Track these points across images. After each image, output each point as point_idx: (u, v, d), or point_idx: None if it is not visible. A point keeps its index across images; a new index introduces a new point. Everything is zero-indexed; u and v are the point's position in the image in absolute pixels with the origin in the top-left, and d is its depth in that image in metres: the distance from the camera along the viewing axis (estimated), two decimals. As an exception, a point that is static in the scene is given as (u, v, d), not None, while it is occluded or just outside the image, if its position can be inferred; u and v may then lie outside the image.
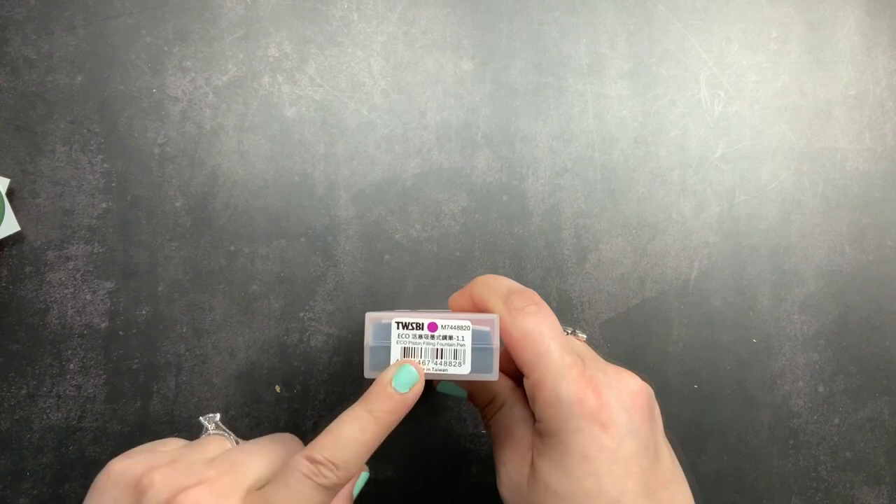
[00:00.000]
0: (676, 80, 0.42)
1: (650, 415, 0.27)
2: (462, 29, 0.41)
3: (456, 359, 0.28)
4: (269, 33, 0.40)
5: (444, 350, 0.28)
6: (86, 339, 0.37)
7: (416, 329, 0.28)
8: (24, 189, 0.38)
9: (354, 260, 0.39)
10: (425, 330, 0.28)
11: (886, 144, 0.43)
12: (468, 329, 0.28)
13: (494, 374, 0.28)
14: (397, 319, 0.28)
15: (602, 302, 0.40)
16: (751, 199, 0.42)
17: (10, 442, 0.37)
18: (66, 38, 0.39)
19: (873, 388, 0.41)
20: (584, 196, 0.41)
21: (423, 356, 0.28)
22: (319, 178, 0.40)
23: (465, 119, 0.41)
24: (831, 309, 0.42)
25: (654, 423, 0.27)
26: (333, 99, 0.40)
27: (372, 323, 0.28)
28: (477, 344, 0.28)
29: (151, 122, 0.39)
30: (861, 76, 0.43)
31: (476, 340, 0.28)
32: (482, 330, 0.28)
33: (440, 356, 0.28)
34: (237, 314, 0.39)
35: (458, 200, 0.40)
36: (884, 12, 0.44)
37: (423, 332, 0.28)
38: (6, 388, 0.37)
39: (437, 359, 0.28)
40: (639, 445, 0.26)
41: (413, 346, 0.28)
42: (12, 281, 0.37)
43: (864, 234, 0.42)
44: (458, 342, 0.28)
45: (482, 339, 0.28)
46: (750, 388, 0.41)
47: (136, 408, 0.37)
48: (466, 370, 0.28)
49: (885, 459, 0.41)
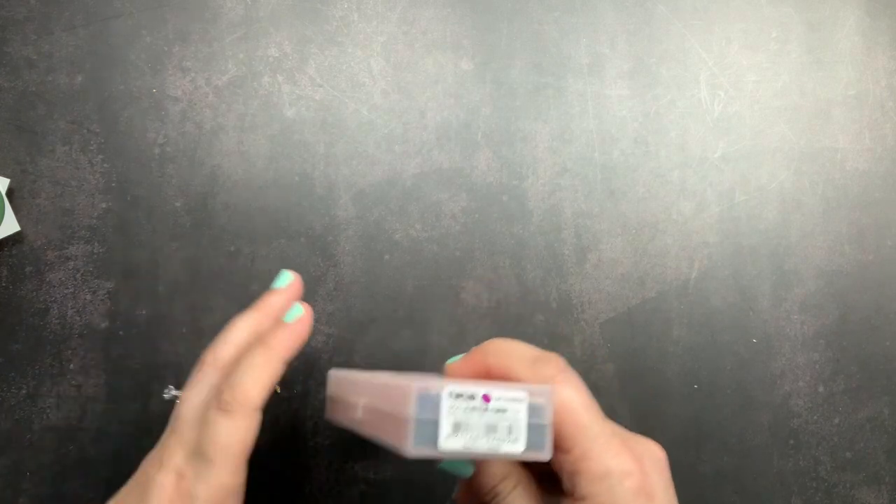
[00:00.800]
0: (676, 80, 0.42)
1: (670, 480, 0.28)
2: (462, 29, 0.41)
3: (511, 434, 0.24)
4: (269, 33, 0.40)
5: (498, 425, 0.24)
6: (86, 339, 0.37)
7: (470, 400, 0.24)
8: (25, 189, 0.38)
9: (354, 260, 0.39)
10: (479, 401, 0.24)
11: (886, 144, 0.43)
12: (524, 401, 0.25)
13: (547, 453, 0.25)
14: (450, 388, 0.24)
15: (602, 302, 0.40)
16: (751, 199, 0.42)
17: (11, 442, 0.37)
18: (66, 39, 0.39)
19: (873, 388, 0.41)
20: (584, 196, 0.41)
21: (475, 431, 0.24)
22: (319, 178, 0.40)
23: (465, 119, 0.41)
24: (831, 309, 0.42)
25: (672, 488, 0.28)
26: (333, 99, 0.40)
27: (419, 393, 0.24)
28: (533, 419, 0.25)
29: (151, 122, 0.39)
30: (861, 76, 0.43)
31: (531, 415, 0.25)
32: (537, 403, 0.25)
33: (493, 432, 0.24)
34: (237, 314, 0.39)
35: (458, 200, 0.40)
36: (884, 12, 0.44)
37: (476, 405, 0.24)
38: (6, 388, 0.37)
39: (489, 435, 0.24)
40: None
41: (466, 419, 0.24)
42: (12, 281, 0.37)
43: (864, 235, 0.42)
44: (512, 416, 0.24)
45: (537, 413, 0.25)
46: (750, 388, 0.41)
47: (136, 408, 0.37)
48: (521, 448, 0.24)
49: (884, 459, 0.41)
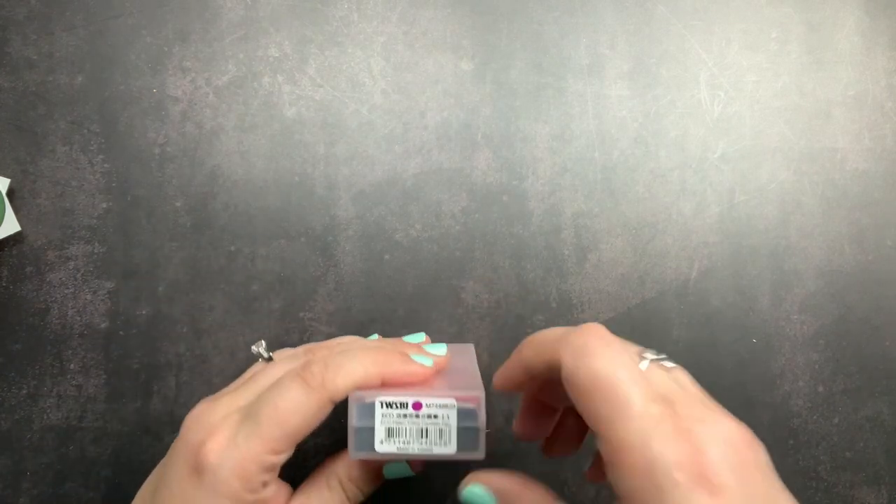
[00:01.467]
0: (676, 81, 0.42)
1: (763, 469, 0.22)
2: (462, 29, 0.41)
3: (442, 438, 0.27)
4: (269, 33, 0.40)
5: (429, 430, 0.27)
6: (86, 339, 0.37)
7: (401, 408, 0.27)
8: (25, 189, 0.38)
9: (354, 260, 0.39)
10: (409, 409, 0.27)
11: (886, 145, 0.43)
12: (453, 407, 0.27)
13: (481, 453, 0.27)
14: (381, 399, 0.27)
15: (602, 302, 0.40)
16: (751, 200, 0.42)
17: (11, 442, 0.37)
18: (66, 39, 0.39)
19: (873, 388, 0.41)
20: (584, 196, 0.41)
21: (408, 436, 0.27)
22: (319, 178, 0.40)
23: (465, 119, 0.41)
24: (831, 309, 0.42)
25: (767, 479, 0.22)
26: (333, 99, 0.40)
27: (355, 403, 0.27)
28: (462, 423, 0.27)
29: (152, 123, 0.39)
30: (861, 76, 0.43)
31: (461, 419, 0.27)
32: (467, 408, 0.27)
33: (425, 436, 0.27)
34: (237, 314, 0.39)
35: (458, 200, 0.40)
36: (883, 12, 0.44)
37: (407, 412, 0.27)
38: (6, 388, 0.37)
39: (421, 438, 0.27)
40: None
41: (397, 425, 0.27)
42: (12, 281, 0.37)
43: (864, 235, 0.42)
44: (443, 421, 0.27)
45: (467, 417, 0.27)
46: (750, 388, 0.41)
47: (136, 408, 0.37)
48: (453, 450, 0.27)
49: (884, 459, 0.41)
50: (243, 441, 0.26)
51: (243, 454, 0.26)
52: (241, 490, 0.26)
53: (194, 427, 0.27)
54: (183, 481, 0.26)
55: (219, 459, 0.25)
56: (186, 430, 0.27)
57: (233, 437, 0.26)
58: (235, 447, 0.26)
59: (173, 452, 0.28)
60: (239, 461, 0.25)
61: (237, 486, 0.25)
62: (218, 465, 0.25)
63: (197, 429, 0.27)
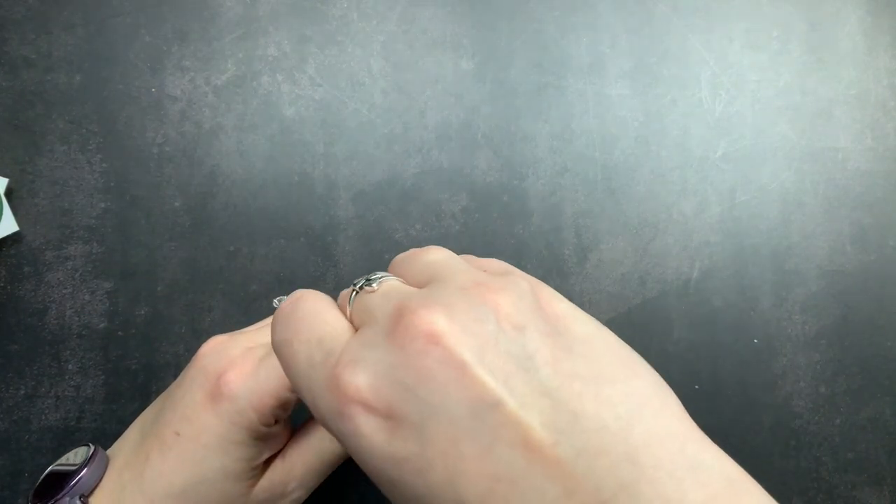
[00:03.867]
0: (677, 80, 0.42)
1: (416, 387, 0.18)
2: (462, 28, 0.41)
3: None
4: (268, 32, 0.40)
5: None
6: (84, 339, 0.37)
7: None
8: (23, 189, 0.38)
9: (354, 260, 0.39)
10: None
11: (888, 144, 0.43)
12: None
13: None
14: None
15: (603, 302, 0.40)
16: (752, 199, 0.42)
17: (9, 443, 0.36)
18: (64, 38, 0.39)
19: (875, 389, 0.41)
20: (585, 196, 0.41)
21: None
22: (319, 178, 0.40)
23: (465, 119, 0.41)
24: (833, 309, 0.41)
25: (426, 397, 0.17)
26: (333, 98, 0.40)
27: None
28: None
29: (150, 122, 0.39)
30: (863, 75, 0.43)
31: None
32: None
33: None
34: (236, 314, 0.38)
35: (458, 200, 0.40)
36: (885, 11, 0.43)
37: None
38: (4, 388, 0.37)
39: None
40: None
41: None
42: (10, 281, 0.37)
43: (866, 234, 0.42)
44: None
45: None
46: (751, 389, 0.40)
47: (134, 408, 0.37)
48: None
49: (886, 460, 0.41)
50: (265, 374, 0.27)
51: (263, 387, 0.26)
52: (255, 421, 0.26)
53: (215, 356, 0.28)
54: (197, 406, 0.27)
55: (239, 390, 0.26)
56: (203, 358, 0.28)
57: (255, 369, 0.27)
58: (256, 380, 0.26)
59: (187, 379, 0.28)
60: (259, 393, 0.26)
61: (253, 417, 0.26)
62: (238, 395, 0.26)
63: (217, 358, 0.28)
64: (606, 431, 0.16)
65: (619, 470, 0.15)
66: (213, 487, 0.26)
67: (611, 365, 0.18)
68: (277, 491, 0.29)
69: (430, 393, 0.17)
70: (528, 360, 0.17)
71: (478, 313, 0.18)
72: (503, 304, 0.18)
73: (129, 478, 0.27)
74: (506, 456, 0.16)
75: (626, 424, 0.16)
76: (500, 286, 0.19)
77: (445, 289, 0.19)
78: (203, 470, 0.26)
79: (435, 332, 0.17)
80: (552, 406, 0.16)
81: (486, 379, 0.16)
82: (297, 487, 0.30)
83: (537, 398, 0.16)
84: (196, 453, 0.26)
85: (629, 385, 0.17)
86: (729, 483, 0.16)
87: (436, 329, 0.17)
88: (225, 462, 0.26)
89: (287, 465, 0.29)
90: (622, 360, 0.18)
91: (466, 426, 0.16)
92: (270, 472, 0.29)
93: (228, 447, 0.26)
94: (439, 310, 0.18)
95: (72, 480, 0.27)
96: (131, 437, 0.30)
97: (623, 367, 0.18)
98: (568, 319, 0.19)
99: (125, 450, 0.29)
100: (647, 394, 0.17)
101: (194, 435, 0.26)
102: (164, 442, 0.27)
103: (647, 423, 0.16)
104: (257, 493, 0.28)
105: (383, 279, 0.21)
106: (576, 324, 0.19)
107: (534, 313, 0.18)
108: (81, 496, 0.26)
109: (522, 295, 0.19)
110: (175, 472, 0.26)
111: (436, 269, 0.21)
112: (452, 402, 0.16)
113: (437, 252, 0.23)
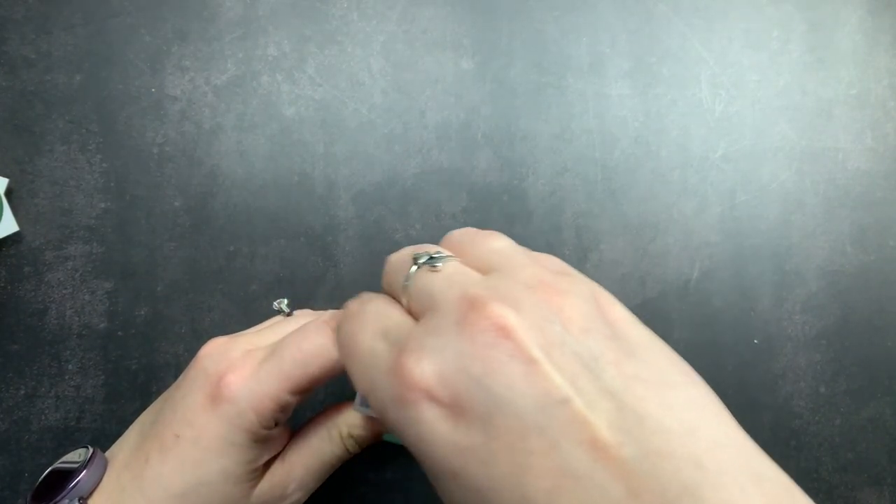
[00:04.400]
0: (677, 80, 0.42)
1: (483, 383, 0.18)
2: (462, 28, 0.41)
3: None
4: (268, 32, 0.40)
5: None
6: (84, 339, 0.37)
7: None
8: (23, 189, 0.38)
9: (354, 260, 0.39)
10: None
11: (888, 144, 0.43)
12: None
13: None
14: None
15: (603, 302, 0.40)
16: (752, 199, 0.42)
17: (9, 443, 0.36)
18: (64, 38, 0.39)
19: (875, 389, 0.41)
20: (585, 196, 0.41)
21: None
22: (319, 178, 0.40)
23: (465, 119, 0.41)
24: (833, 309, 0.41)
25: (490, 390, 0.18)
26: (333, 98, 0.40)
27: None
28: None
29: (150, 122, 0.39)
30: (863, 75, 0.43)
31: None
32: None
33: None
34: (236, 314, 0.38)
35: (458, 200, 0.40)
36: (886, 11, 0.43)
37: None
38: (4, 388, 0.37)
39: None
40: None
41: None
42: (11, 281, 0.37)
43: (866, 234, 0.42)
44: None
45: None
46: (751, 389, 0.40)
47: (134, 408, 0.37)
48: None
49: (887, 460, 0.41)
50: (265, 377, 0.26)
51: (264, 390, 0.26)
52: (255, 424, 0.26)
53: (215, 358, 0.28)
54: (197, 407, 0.27)
55: (239, 392, 0.26)
56: (203, 360, 0.28)
57: (255, 372, 0.27)
58: (257, 382, 0.26)
59: (187, 381, 0.28)
60: (259, 396, 0.26)
61: (253, 419, 0.26)
62: (238, 396, 0.26)
63: (218, 360, 0.27)
64: (671, 434, 0.16)
65: (683, 473, 0.15)
66: (213, 489, 0.26)
67: (670, 370, 0.18)
68: (277, 493, 0.29)
69: (498, 385, 0.17)
70: (594, 361, 0.17)
71: (544, 313, 0.18)
72: (567, 306, 0.19)
73: (129, 479, 0.27)
74: (572, 453, 0.16)
75: (690, 429, 0.16)
76: (564, 287, 0.19)
77: (513, 284, 0.19)
78: (203, 472, 0.26)
79: (506, 326, 0.18)
80: (617, 407, 0.16)
81: (555, 376, 0.17)
82: (296, 489, 0.30)
83: (603, 399, 0.17)
84: (196, 455, 0.26)
85: (689, 391, 0.18)
86: (789, 494, 0.16)
87: (507, 323, 0.18)
88: (225, 464, 0.26)
89: (286, 467, 0.29)
90: (679, 367, 0.19)
91: (533, 421, 0.16)
92: (270, 474, 0.29)
93: (228, 449, 0.26)
94: (508, 304, 0.18)
95: (70, 482, 0.27)
96: (131, 438, 0.30)
97: (681, 374, 0.18)
98: (626, 324, 0.19)
99: (124, 451, 0.29)
100: (705, 402, 0.18)
101: (194, 437, 0.26)
102: (164, 444, 0.27)
103: (710, 429, 0.17)
104: (257, 496, 0.28)
105: (447, 260, 0.22)
106: (634, 329, 0.19)
107: (596, 317, 0.19)
108: (80, 498, 0.26)
109: (586, 298, 0.19)
110: (175, 474, 0.26)
111: (499, 259, 0.22)
112: (520, 395, 0.17)
113: (501, 239, 0.23)
